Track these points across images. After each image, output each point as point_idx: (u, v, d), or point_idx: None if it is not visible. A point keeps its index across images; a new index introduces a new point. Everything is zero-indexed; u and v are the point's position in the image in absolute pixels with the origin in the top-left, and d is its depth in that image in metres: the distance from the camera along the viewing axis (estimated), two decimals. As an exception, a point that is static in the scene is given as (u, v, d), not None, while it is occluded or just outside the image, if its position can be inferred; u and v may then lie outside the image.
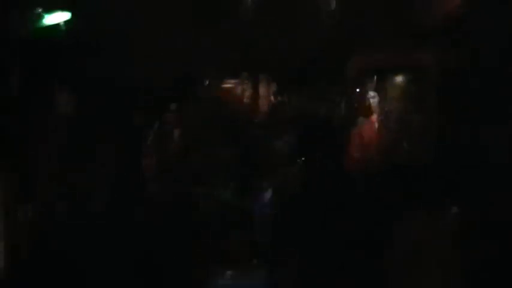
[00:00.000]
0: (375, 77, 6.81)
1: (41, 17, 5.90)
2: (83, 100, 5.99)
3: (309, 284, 5.44)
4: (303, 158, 6.46)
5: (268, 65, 7.05)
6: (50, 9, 5.90)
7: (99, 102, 6.02)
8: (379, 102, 6.52)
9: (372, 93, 6.71)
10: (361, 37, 6.36)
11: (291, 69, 7.03)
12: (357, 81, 6.89)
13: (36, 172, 5.53)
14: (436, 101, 6.22)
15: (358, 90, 6.92)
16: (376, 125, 6.47)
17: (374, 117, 6.50)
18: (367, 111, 6.53)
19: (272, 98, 7.49)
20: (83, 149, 5.85)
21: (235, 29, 6.70)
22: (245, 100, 7.25)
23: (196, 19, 6.39)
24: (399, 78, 6.73)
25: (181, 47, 6.36)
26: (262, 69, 7.20)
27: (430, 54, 6.21)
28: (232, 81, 7.36)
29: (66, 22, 5.95)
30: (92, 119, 5.96)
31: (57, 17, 6.01)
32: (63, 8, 5.94)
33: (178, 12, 6.29)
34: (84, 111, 5.96)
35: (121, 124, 6.09)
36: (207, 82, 7.09)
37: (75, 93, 5.98)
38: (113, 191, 5.81)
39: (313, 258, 5.58)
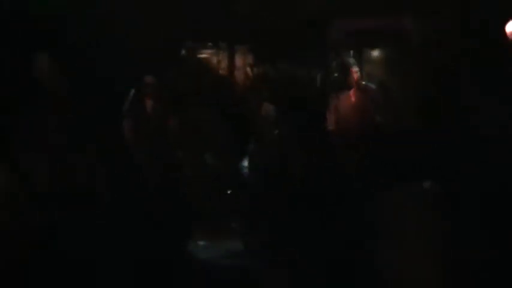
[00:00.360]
0: (356, 44, 6.77)
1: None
2: (65, 67, 5.89)
3: (285, 251, 5.43)
4: (276, 131, 6.41)
5: (247, 33, 6.98)
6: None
7: (79, 68, 5.92)
8: (360, 70, 6.42)
9: (352, 61, 6.65)
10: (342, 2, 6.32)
11: (271, 37, 6.97)
12: (337, 49, 6.83)
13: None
14: (418, 69, 6.21)
15: (338, 57, 6.86)
16: (358, 93, 6.36)
17: (355, 85, 6.38)
18: (348, 79, 6.42)
19: (251, 66, 7.44)
20: (65, 115, 5.76)
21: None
22: (224, 69, 7.18)
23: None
24: (381, 45, 6.71)
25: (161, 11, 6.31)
26: (241, 38, 7.13)
27: (412, 20, 6.20)
28: (212, 50, 7.31)
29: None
30: (72, 83, 5.86)
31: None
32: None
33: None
34: (66, 77, 5.87)
35: (101, 94, 6.01)
36: (186, 51, 7.02)
37: (58, 60, 5.88)
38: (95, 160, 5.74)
39: (289, 225, 5.58)
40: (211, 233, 5.83)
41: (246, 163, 6.19)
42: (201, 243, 5.70)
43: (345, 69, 6.40)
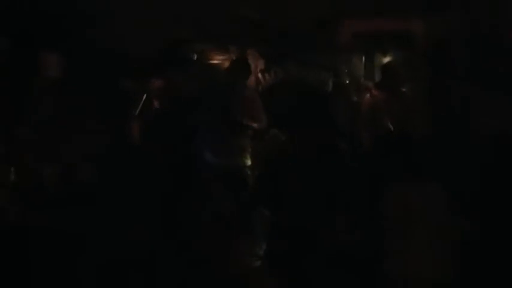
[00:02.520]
0: (366, 44, 6.74)
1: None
2: (71, 65, 5.96)
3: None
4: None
5: (257, 35, 6.98)
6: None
7: (88, 67, 5.99)
8: (369, 70, 6.34)
9: (361, 61, 6.62)
10: (351, 3, 6.29)
11: (280, 38, 6.98)
12: (346, 48, 6.79)
13: (23, 136, 5.50)
14: (426, 69, 6.17)
15: (347, 57, 6.84)
16: (367, 93, 6.25)
17: (364, 85, 6.29)
18: (357, 79, 6.35)
19: (261, 68, 7.45)
20: (70, 114, 5.82)
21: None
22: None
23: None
24: (390, 45, 6.67)
25: (172, 14, 6.35)
26: (251, 40, 7.13)
27: (420, 21, 6.16)
28: (222, 53, 7.33)
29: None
30: (80, 84, 5.93)
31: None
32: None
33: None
34: (73, 76, 5.93)
35: (108, 89, 6.06)
36: (196, 54, 7.05)
37: (64, 57, 5.95)
38: (99, 158, 5.77)
39: (296, 224, 5.54)
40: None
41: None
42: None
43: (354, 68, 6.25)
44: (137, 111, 6.06)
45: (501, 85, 5.50)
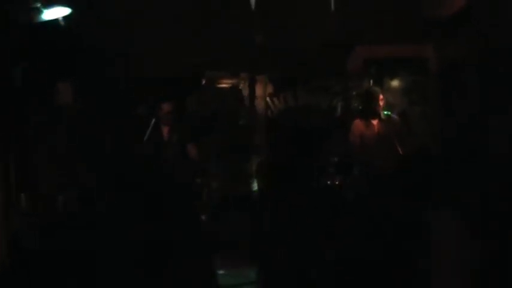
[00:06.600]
0: (376, 69, 6.78)
1: (40, 12, 5.88)
2: (85, 90, 6.00)
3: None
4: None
5: (267, 60, 7.04)
6: (50, 4, 5.88)
7: (101, 93, 6.03)
8: (381, 94, 6.32)
9: (373, 86, 6.64)
10: (362, 29, 6.33)
11: (291, 64, 7.03)
12: (357, 74, 6.84)
13: (37, 162, 5.53)
14: (437, 92, 6.20)
15: (359, 82, 6.88)
16: (378, 117, 6.27)
17: (376, 109, 6.28)
18: (369, 104, 6.32)
19: (271, 93, 7.50)
20: (84, 139, 5.86)
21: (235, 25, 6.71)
22: (243, 94, 7.26)
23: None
24: (400, 70, 6.71)
25: (183, 42, 6.41)
26: (261, 66, 7.19)
27: (431, 45, 6.20)
28: (231, 79, 7.39)
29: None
30: (93, 109, 5.97)
31: (57, 12, 6.00)
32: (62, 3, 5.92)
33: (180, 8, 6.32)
34: (86, 102, 5.98)
35: (122, 114, 6.10)
36: (207, 79, 7.11)
37: (77, 84, 6.00)
38: (113, 182, 5.79)
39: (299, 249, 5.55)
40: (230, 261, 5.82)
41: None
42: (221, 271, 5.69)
43: (372, 98, 6.25)
44: (146, 137, 6.06)
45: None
